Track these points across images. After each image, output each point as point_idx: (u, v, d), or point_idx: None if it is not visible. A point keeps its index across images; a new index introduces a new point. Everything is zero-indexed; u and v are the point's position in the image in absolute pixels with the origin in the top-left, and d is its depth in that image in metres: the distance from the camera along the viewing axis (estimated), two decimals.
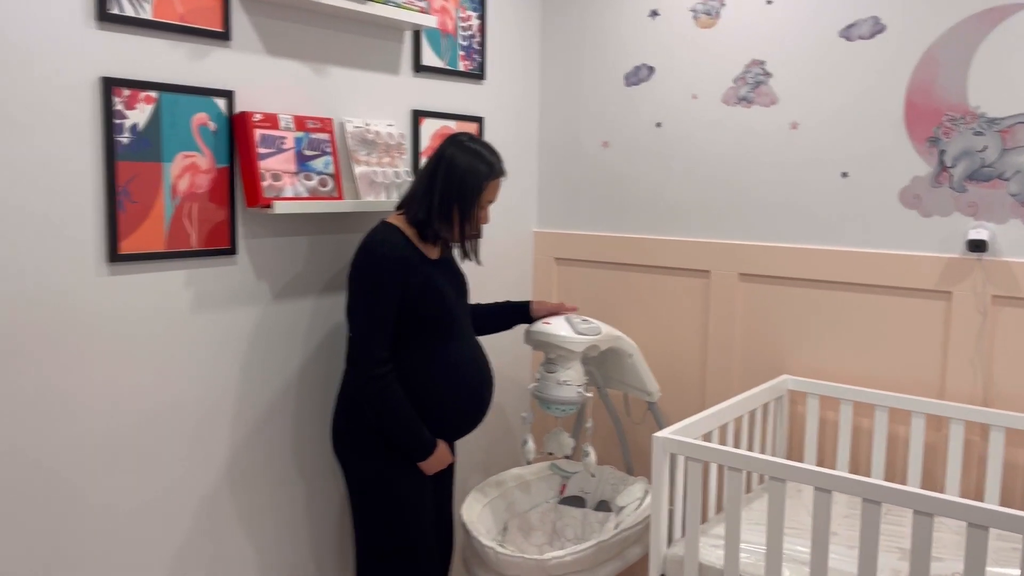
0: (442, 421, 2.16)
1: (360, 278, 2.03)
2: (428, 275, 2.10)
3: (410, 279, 2.05)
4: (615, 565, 2.39)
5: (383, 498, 2.14)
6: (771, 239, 2.61)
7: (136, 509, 2.02)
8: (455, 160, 2.09)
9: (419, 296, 2.07)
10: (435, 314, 2.11)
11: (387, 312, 2.03)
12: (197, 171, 2.06)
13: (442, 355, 2.14)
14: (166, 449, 2.07)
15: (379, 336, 2.03)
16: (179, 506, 2.11)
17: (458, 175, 2.08)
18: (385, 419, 2.06)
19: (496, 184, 2.17)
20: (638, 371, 2.61)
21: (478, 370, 2.24)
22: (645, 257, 2.86)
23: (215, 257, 2.11)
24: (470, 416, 2.24)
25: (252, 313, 2.21)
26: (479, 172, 2.10)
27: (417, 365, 2.11)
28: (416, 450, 2.10)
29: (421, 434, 2.10)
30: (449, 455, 2.19)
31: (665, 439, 1.98)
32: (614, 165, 2.92)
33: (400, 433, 2.07)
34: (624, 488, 2.69)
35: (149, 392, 2.02)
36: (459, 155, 2.10)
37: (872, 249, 2.42)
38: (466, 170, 2.08)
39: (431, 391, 2.13)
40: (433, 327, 2.13)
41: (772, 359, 2.63)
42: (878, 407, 2.38)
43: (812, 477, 1.76)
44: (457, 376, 2.17)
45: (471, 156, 2.10)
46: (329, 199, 2.25)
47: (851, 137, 2.44)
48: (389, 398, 2.04)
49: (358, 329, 2.03)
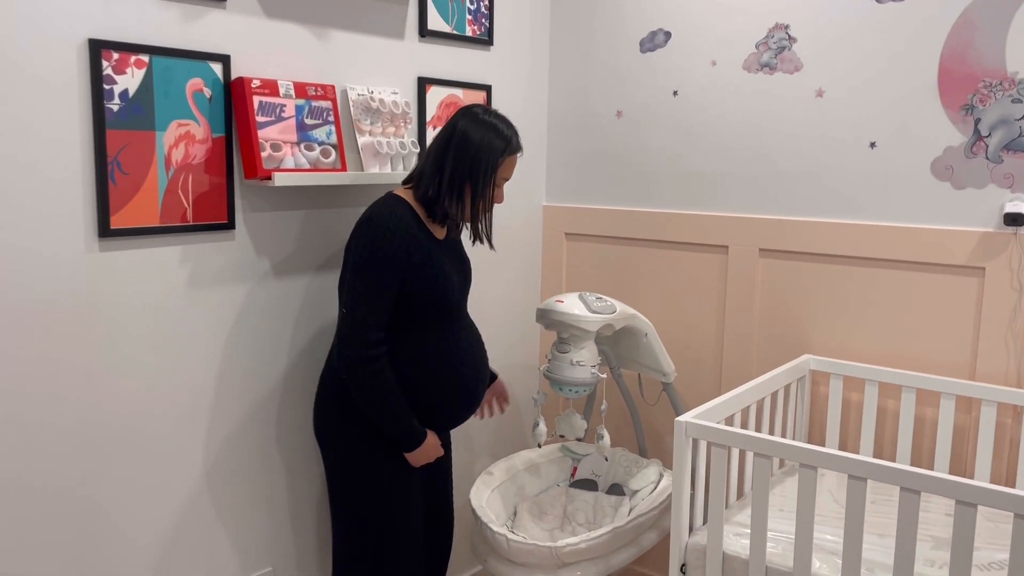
0: (433, 411, 2.04)
1: (361, 251, 1.90)
2: (432, 255, 1.98)
3: (413, 257, 1.93)
4: (630, 552, 2.31)
5: (365, 489, 2.03)
6: (793, 213, 2.50)
7: (132, 493, 1.93)
8: (468, 134, 1.95)
9: (420, 277, 1.95)
10: (435, 298, 1.99)
11: (387, 290, 1.91)
12: (192, 141, 1.94)
13: (438, 341, 2.02)
14: (161, 432, 1.97)
15: (375, 315, 1.90)
16: (177, 490, 2.02)
17: (471, 150, 1.94)
18: (373, 405, 1.93)
19: (512, 161, 2.03)
20: (653, 351, 2.52)
21: (473, 360, 2.12)
22: (660, 232, 2.75)
23: (212, 232, 2.00)
24: (462, 407, 2.12)
25: (251, 290, 2.10)
26: (494, 147, 1.96)
27: (410, 350, 1.99)
28: (404, 440, 1.98)
29: (410, 423, 1.97)
30: (439, 447, 2.07)
31: (687, 423, 1.88)
32: (628, 136, 2.80)
33: (388, 421, 1.95)
34: (638, 471, 2.61)
35: (144, 372, 1.92)
36: (472, 128, 1.96)
37: (901, 223, 2.32)
38: (480, 145, 1.94)
39: (423, 378, 2.00)
40: (431, 311, 2.01)
41: (793, 338, 2.53)
42: (905, 388, 2.28)
43: (846, 464, 1.67)
44: (452, 364, 2.05)
45: (485, 130, 1.96)
46: (331, 171, 2.14)
47: (880, 105, 2.32)
48: (379, 383, 1.91)
49: (353, 306, 1.89)
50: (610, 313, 2.35)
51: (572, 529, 2.55)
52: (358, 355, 1.89)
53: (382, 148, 2.26)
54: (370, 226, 1.91)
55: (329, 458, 2.08)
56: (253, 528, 2.20)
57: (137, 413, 1.92)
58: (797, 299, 2.51)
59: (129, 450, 1.91)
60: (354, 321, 1.89)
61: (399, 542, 2.07)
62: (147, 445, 1.95)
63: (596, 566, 2.23)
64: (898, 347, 2.35)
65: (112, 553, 1.91)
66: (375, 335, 1.90)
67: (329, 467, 2.09)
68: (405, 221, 1.93)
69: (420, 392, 2.00)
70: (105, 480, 1.88)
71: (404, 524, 2.06)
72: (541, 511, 2.58)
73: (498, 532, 2.19)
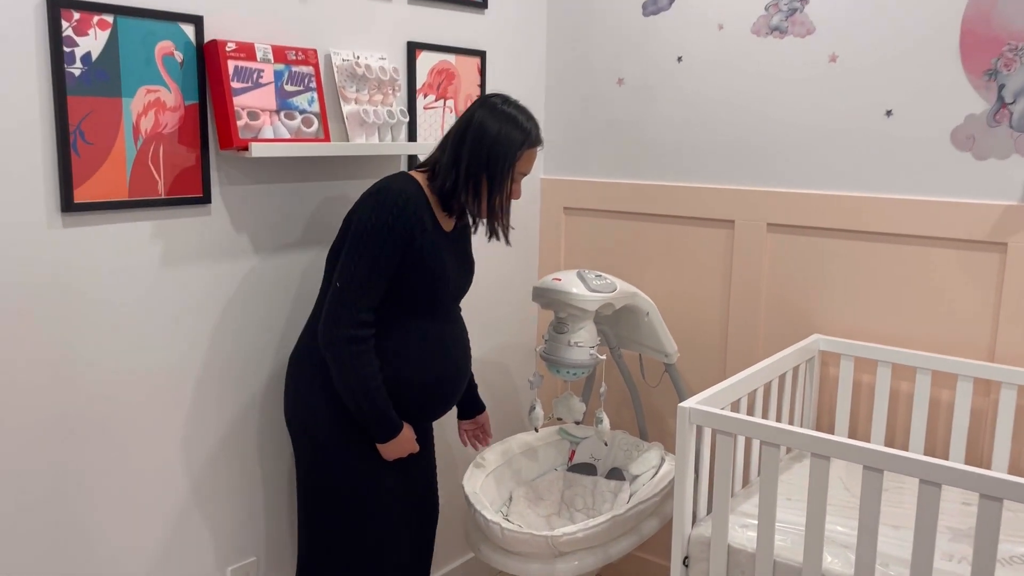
0: (409, 404, 1.94)
1: (365, 222, 1.79)
2: (436, 245, 1.88)
3: (416, 241, 1.83)
4: (630, 540, 2.21)
5: (336, 482, 1.92)
6: (803, 185, 2.37)
7: (105, 484, 1.83)
8: (485, 125, 1.86)
9: (418, 265, 1.85)
10: (428, 292, 1.90)
11: (385, 270, 1.81)
12: (163, 108, 1.81)
13: (423, 333, 1.92)
14: (135, 420, 1.86)
15: (369, 294, 1.80)
16: (154, 479, 1.91)
17: (488, 143, 1.85)
18: (352, 388, 1.82)
19: (532, 154, 1.93)
20: (655, 330, 2.41)
21: (456, 355, 2.02)
22: (663, 206, 2.62)
23: (186, 207, 1.88)
24: (438, 404, 2.03)
25: (229, 269, 1.99)
26: (512, 140, 1.87)
27: (391, 338, 1.88)
28: (379, 429, 1.88)
29: (388, 412, 1.87)
30: (414, 443, 1.96)
31: (691, 409, 1.77)
32: (629, 104, 2.66)
33: (365, 407, 1.84)
34: (638, 455, 2.51)
35: (116, 357, 1.81)
36: (489, 120, 1.86)
37: (918, 196, 2.19)
38: (497, 138, 1.85)
39: (402, 369, 1.90)
40: (422, 302, 1.91)
41: (802, 317, 2.41)
42: (920, 370, 2.17)
43: (863, 455, 1.56)
44: (433, 358, 1.95)
45: (503, 121, 1.87)
46: (314, 141, 2.01)
47: (897, 71, 2.18)
48: (362, 365, 1.81)
49: (349, 281, 1.79)
50: (610, 292, 2.23)
51: (570, 515, 2.46)
52: (346, 334, 1.79)
53: (368, 117, 2.13)
54: (379, 198, 1.81)
55: (298, 446, 1.98)
56: (237, 517, 2.10)
57: (108, 400, 1.81)
58: (807, 276, 2.39)
59: (101, 440, 1.81)
60: (346, 297, 1.79)
61: (371, 542, 1.97)
62: (120, 434, 1.84)
63: (594, 555, 2.14)
64: (913, 327, 2.24)
65: (86, 547, 1.81)
66: (366, 315, 1.81)
67: (298, 456, 1.99)
68: (416, 201, 1.84)
69: (398, 383, 1.90)
70: (74, 472, 1.77)
71: (378, 523, 1.96)
72: (537, 496, 2.49)
73: (492, 520, 2.10)
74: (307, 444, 1.96)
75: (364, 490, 1.94)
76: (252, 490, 2.13)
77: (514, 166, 1.89)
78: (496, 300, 2.73)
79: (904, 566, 1.68)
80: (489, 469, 2.39)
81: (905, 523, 1.84)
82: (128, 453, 1.86)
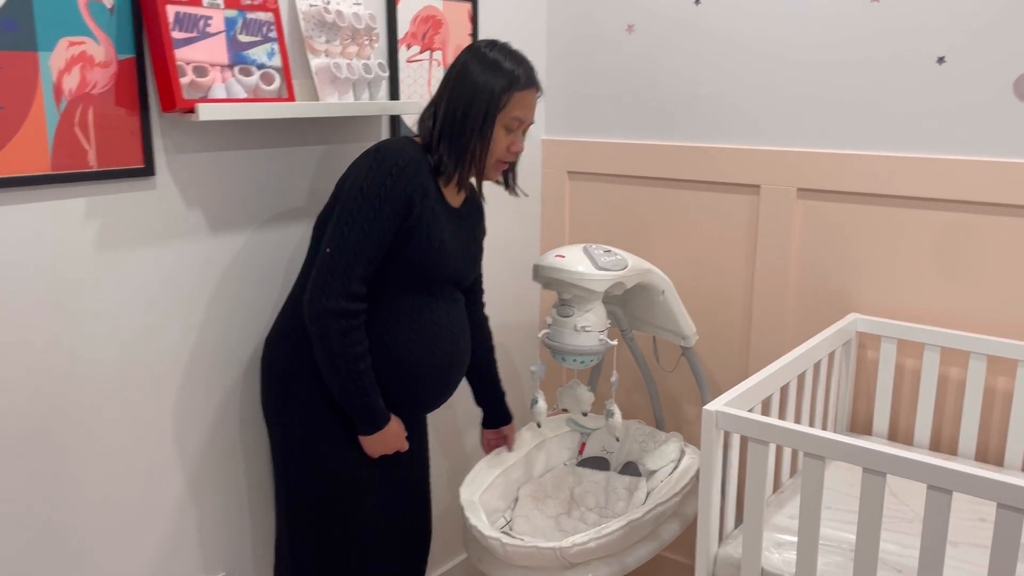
0: (399, 392, 1.73)
1: (360, 183, 1.61)
2: (438, 217, 1.69)
3: (416, 208, 1.63)
4: (649, 547, 1.98)
5: (314, 478, 1.74)
6: (839, 145, 2.08)
7: (54, 495, 1.58)
8: (467, 72, 1.67)
9: (416, 236, 1.65)
10: (426, 265, 1.69)
11: (381, 237, 1.61)
12: (90, 64, 1.53)
13: (416, 313, 1.72)
14: (75, 427, 1.61)
15: (363, 264, 1.60)
16: (111, 490, 1.67)
17: (467, 93, 1.66)
18: (337, 368, 1.62)
19: (523, 100, 1.71)
20: (671, 310, 2.14)
21: (454, 341, 1.80)
22: (679, 170, 2.33)
23: (125, 180, 1.61)
24: (430, 393, 1.81)
25: (180, 251, 1.72)
26: (492, 87, 1.66)
27: (384, 315, 1.68)
28: (364, 419, 1.68)
29: (375, 399, 1.67)
30: (402, 439, 1.76)
31: (718, 413, 1.51)
32: (641, 55, 2.36)
33: (350, 390, 1.64)
34: (655, 447, 2.26)
35: (42, 359, 1.55)
36: (473, 66, 1.68)
37: (972, 156, 1.91)
38: (477, 85, 1.66)
39: (393, 351, 1.70)
40: (418, 279, 1.70)
41: (837, 294, 2.14)
42: (974, 354, 1.91)
43: (928, 473, 1.30)
44: (428, 342, 1.74)
45: (485, 67, 1.67)
46: (276, 101, 1.73)
47: (950, 11, 1.89)
48: (351, 343, 1.61)
49: (340, 247, 1.59)
50: (620, 269, 1.97)
51: (580, 514, 2.22)
52: (336, 306, 1.59)
53: (341, 72, 1.85)
54: (377, 156, 1.63)
55: (274, 438, 1.79)
56: (204, 528, 1.86)
57: (44, 397, 1.55)
58: (842, 248, 2.11)
59: (38, 450, 1.56)
60: (338, 265, 1.59)
61: (353, 549, 1.77)
62: (50, 442, 1.59)
63: (609, 566, 1.90)
64: (965, 305, 1.97)
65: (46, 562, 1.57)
66: (358, 287, 1.61)
67: (274, 449, 1.80)
68: (417, 164, 1.65)
69: (386, 367, 1.69)
70: (10, 480, 1.53)
71: (360, 529, 1.77)
72: (544, 494, 2.25)
73: (491, 537, 1.86)
74: (282, 439, 1.77)
75: (343, 492, 1.75)
76: (221, 499, 1.89)
77: (496, 115, 1.68)
78: (495, 276, 2.46)
79: None
80: (494, 475, 2.14)
81: (968, 539, 1.60)
82: (65, 462, 1.61)
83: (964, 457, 1.94)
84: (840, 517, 1.69)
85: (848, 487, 1.82)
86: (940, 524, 1.31)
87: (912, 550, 1.57)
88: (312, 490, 1.75)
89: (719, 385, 2.37)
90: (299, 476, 1.75)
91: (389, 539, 1.86)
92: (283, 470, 1.78)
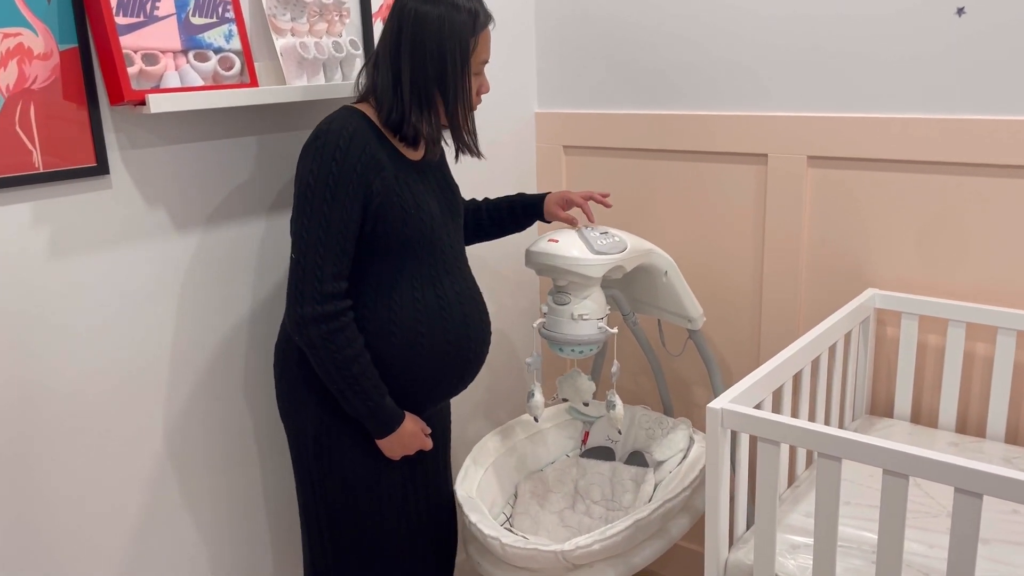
0: (410, 387, 1.62)
1: (308, 180, 1.47)
2: (400, 179, 1.54)
3: (375, 185, 1.50)
4: (657, 546, 1.87)
5: (333, 485, 1.64)
6: (851, 108, 1.93)
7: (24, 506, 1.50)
8: (421, 19, 1.49)
9: (385, 208, 1.52)
10: (408, 235, 1.56)
11: (344, 229, 1.48)
12: (28, 57, 1.41)
13: (420, 293, 1.60)
14: (41, 443, 1.52)
15: (332, 261, 1.48)
16: (79, 505, 1.58)
17: (431, 40, 1.49)
18: (332, 377, 1.51)
19: (486, 38, 1.57)
20: (676, 292, 2.01)
21: (466, 315, 1.67)
22: (680, 140, 2.19)
23: (75, 181, 1.49)
24: (452, 377, 1.68)
25: (141, 253, 1.61)
26: (458, 27, 1.50)
27: (384, 305, 1.56)
28: (373, 423, 1.58)
29: (381, 400, 1.56)
30: (421, 437, 1.65)
31: (724, 411, 1.39)
32: (638, 17, 2.20)
33: (351, 396, 1.53)
34: (662, 435, 2.15)
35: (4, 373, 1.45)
36: (425, 9, 1.50)
37: (997, 116, 1.75)
38: (440, 30, 1.49)
39: (402, 339, 1.58)
40: (407, 254, 1.57)
41: (852, 268, 2.00)
42: (1002, 330, 1.77)
43: (955, 475, 1.18)
44: (438, 320, 1.61)
45: (440, 6, 1.50)
46: (237, 87, 1.60)
47: None
48: (338, 348, 1.49)
49: (304, 250, 1.47)
50: (618, 252, 1.84)
51: (586, 508, 2.12)
52: (313, 312, 1.47)
53: (309, 52, 1.72)
54: (316, 147, 1.48)
55: (294, 445, 1.69)
56: (190, 538, 1.77)
57: (5, 414, 1.46)
58: (857, 219, 1.97)
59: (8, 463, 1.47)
60: (305, 271, 1.47)
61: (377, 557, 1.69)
62: (25, 454, 1.49)
63: (615, 568, 1.80)
64: (989, 276, 1.83)
65: None
66: (332, 286, 1.48)
67: (295, 458, 1.69)
68: (361, 137, 1.50)
69: (393, 361, 1.58)
70: None
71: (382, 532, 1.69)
72: (547, 489, 2.14)
73: (490, 535, 1.76)
74: (300, 445, 1.67)
75: (367, 502, 1.67)
76: (206, 505, 1.79)
77: (470, 60, 1.55)
78: (490, 258, 2.34)
79: None
80: (487, 463, 2.05)
81: (998, 536, 1.48)
82: (56, 476, 1.52)
83: (993, 440, 1.82)
84: (859, 514, 1.57)
85: (868, 478, 1.70)
86: (970, 530, 1.19)
87: (939, 550, 1.45)
88: (334, 496, 1.66)
89: (730, 369, 2.24)
90: (322, 481, 1.65)
91: (415, 541, 1.77)
92: (300, 476, 1.69)
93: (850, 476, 1.71)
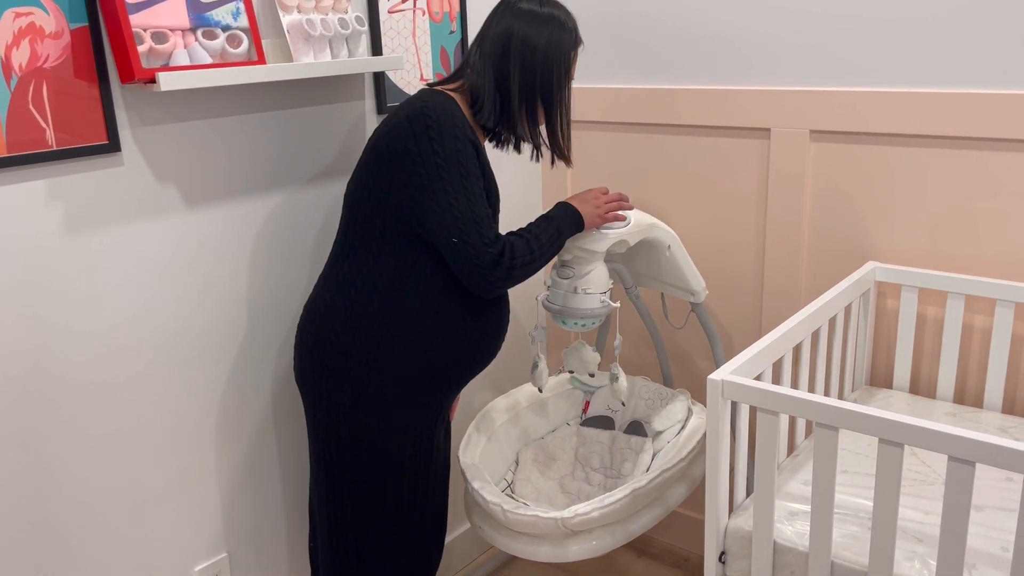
0: (460, 361, 1.67)
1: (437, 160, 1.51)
2: (487, 167, 1.62)
3: (482, 157, 1.59)
4: (654, 513, 1.91)
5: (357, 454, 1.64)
6: (854, 81, 1.94)
7: (51, 481, 1.54)
8: (530, 40, 1.60)
9: (489, 186, 1.61)
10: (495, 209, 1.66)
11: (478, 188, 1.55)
12: (40, 36, 1.43)
13: None
14: (55, 417, 1.56)
15: (481, 214, 1.53)
16: (107, 471, 1.63)
17: (539, 59, 1.61)
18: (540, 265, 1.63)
19: (577, 56, 1.70)
20: (678, 266, 2.04)
21: (501, 299, 1.73)
22: (682, 115, 2.20)
23: (87, 158, 1.52)
24: (478, 362, 1.73)
25: (155, 230, 1.64)
26: (563, 46, 1.63)
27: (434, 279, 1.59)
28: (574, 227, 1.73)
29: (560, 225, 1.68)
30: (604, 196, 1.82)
31: (724, 382, 1.42)
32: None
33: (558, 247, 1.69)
34: (662, 406, 2.19)
35: (16, 358, 1.49)
36: (533, 31, 1.60)
37: (998, 90, 1.76)
38: (548, 50, 1.61)
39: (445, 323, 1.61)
40: None
41: (854, 241, 2.02)
42: (1001, 302, 1.80)
43: (949, 443, 1.21)
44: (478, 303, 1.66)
45: (548, 27, 1.61)
46: (245, 64, 1.62)
47: None
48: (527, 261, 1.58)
49: (464, 225, 1.50)
50: (622, 226, 1.86)
51: (585, 475, 2.16)
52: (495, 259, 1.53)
53: (315, 29, 1.73)
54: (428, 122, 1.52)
55: (318, 415, 1.66)
56: (203, 508, 1.82)
57: (22, 400, 1.50)
58: (859, 193, 1.99)
59: (22, 440, 1.51)
60: (467, 235, 1.51)
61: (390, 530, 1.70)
62: (40, 431, 1.54)
63: (612, 535, 1.85)
64: (989, 249, 1.85)
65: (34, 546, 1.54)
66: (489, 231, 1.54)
67: (317, 427, 1.67)
68: (462, 119, 1.57)
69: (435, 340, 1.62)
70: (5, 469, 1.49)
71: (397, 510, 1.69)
72: (548, 456, 2.19)
73: (493, 502, 1.80)
74: (327, 415, 1.64)
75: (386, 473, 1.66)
76: (222, 478, 1.84)
77: (571, 72, 1.67)
78: None
79: (998, 564, 1.36)
80: (490, 432, 2.09)
81: (987, 503, 1.51)
82: (43, 454, 1.56)
83: (990, 410, 1.85)
84: (857, 482, 1.61)
85: (866, 447, 1.73)
86: (963, 496, 1.22)
87: (934, 516, 1.49)
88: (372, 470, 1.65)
89: (732, 342, 2.27)
90: (342, 454, 1.65)
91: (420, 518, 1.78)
92: (324, 447, 1.67)
93: (849, 446, 1.75)
